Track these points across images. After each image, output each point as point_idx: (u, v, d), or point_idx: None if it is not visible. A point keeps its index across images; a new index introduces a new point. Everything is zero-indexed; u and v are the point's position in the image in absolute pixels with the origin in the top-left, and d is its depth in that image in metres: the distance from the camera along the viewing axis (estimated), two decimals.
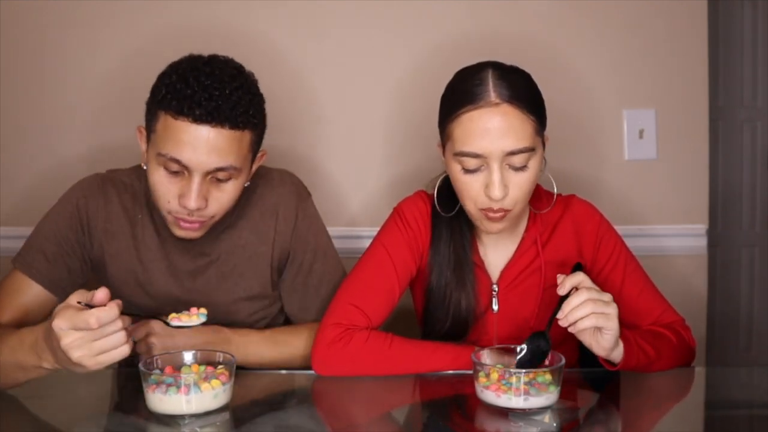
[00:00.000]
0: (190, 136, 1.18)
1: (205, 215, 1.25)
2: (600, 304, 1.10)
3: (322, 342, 1.27)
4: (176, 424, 1.04)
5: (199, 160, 1.19)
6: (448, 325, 1.33)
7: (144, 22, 1.89)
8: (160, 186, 1.24)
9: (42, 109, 1.93)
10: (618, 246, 1.36)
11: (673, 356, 1.28)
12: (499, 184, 1.19)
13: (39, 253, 1.32)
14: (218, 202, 1.25)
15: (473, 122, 1.19)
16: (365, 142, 1.95)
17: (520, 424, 1.04)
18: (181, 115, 1.18)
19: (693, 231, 1.97)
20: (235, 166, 1.23)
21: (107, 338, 1.02)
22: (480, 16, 1.91)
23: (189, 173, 1.21)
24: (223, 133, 1.19)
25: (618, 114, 1.95)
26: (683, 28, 1.92)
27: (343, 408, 1.20)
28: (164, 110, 1.20)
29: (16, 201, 1.94)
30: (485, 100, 1.19)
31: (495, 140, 1.18)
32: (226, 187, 1.25)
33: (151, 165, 1.25)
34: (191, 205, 1.21)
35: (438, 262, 1.34)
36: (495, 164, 1.19)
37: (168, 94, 1.20)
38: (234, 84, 1.21)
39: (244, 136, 1.23)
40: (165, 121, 1.20)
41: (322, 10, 1.90)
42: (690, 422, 1.14)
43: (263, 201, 1.40)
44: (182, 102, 1.18)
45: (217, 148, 1.19)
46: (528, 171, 1.22)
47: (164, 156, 1.20)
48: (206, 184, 1.23)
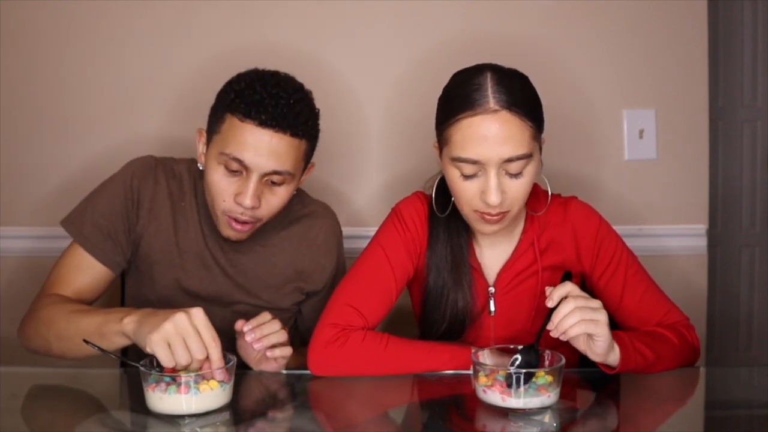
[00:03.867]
0: (254, 138, 1.27)
1: (255, 216, 1.32)
2: (588, 311, 1.11)
3: (318, 342, 1.27)
4: (176, 424, 1.04)
5: (260, 161, 1.27)
6: (445, 325, 1.33)
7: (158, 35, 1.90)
8: (218, 184, 1.31)
9: (42, 113, 1.93)
10: (618, 249, 1.35)
11: (673, 357, 1.28)
12: (496, 190, 1.20)
13: (97, 230, 1.36)
14: (269, 205, 1.32)
15: (471, 129, 1.19)
16: (363, 142, 1.94)
17: (520, 424, 1.04)
18: (248, 118, 1.27)
19: (693, 231, 1.96)
20: (291, 171, 1.31)
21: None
22: (479, 16, 1.91)
23: (247, 174, 1.28)
24: (284, 139, 1.28)
25: (618, 114, 1.95)
26: (683, 28, 1.92)
27: (343, 408, 1.20)
28: (231, 113, 1.29)
29: (17, 201, 1.94)
30: (483, 107, 1.18)
31: (493, 147, 1.18)
32: (279, 191, 1.33)
33: (210, 164, 1.32)
34: (247, 202, 1.28)
35: (435, 263, 1.34)
36: (492, 170, 1.19)
37: (237, 98, 1.29)
38: (297, 96, 1.31)
39: (301, 144, 1.31)
40: (231, 123, 1.29)
41: (318, 11, 1.90)
42: (690, 422, 1.14)
43: (305, 229, 1.47)
44: (250, 106, 1.27)
45: (277, 152, 1.28)
46: (525, 177, 1.22)
47: (227, 155, 1.28)
48: (261, 185, 1.30)
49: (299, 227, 1.47)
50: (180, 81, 1.90)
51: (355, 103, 1.93)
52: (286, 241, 1.45)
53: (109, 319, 1.17)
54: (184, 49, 1.90)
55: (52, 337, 1.24)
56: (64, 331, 1.23)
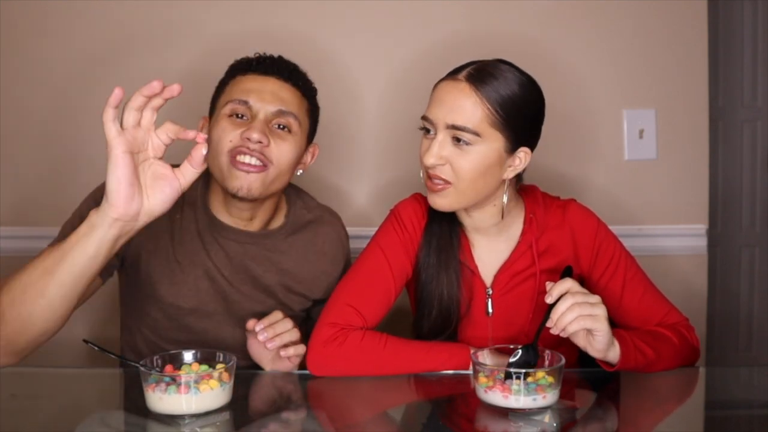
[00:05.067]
0: (258, 83, 1.32)
1: (266, 155, 1.29)
2: (586, 307, 1.12)
3: (317, 341, 1.27)
4: (176, 424, 1.04)
5: (264, 102, 1.31)
6: (434, 316, 1.33)
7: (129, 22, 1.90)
8: (224, 132, 1.30)
9: (40, 113, 1.93)
10: (617, 252, 1.35)
11: (673, 356, 1.28)
12: (433, 152, 1.23)
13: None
14: (279, 150, 1.31)
15: (437, 91, 1.27)
16: (364, 141, 1.94)
17: (520, 424, 1.04)
18: (250, 71, 1.34)
19: (693, 231, 1.97)
20: (296, 115, 1.33)
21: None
22: (478, 16, 1.91)
23: (253, 116, 1.30)
24: (286, 87, 1.34)
25: (618, 114, 1.95)
26: (683, 28, 1.92)
27: (342, 408, 1.20)
28: (232, 75, 1.36)
29: (16, 201, 1.94)
30: (453, 76, 1.26)
31: (444, 110, 1.23)
32: (287, 139, 1.33)
33: (216, 122, 1.32)
34: (254, 135, 1.27)
35: (425, 251, 1.34)
36: (440, 134, 1.24)
37: (235, 65, 1.37)
38: (296, 65, 1.39)
39: (303, 100, 1.36)
40: (233, 81, 1.35)
41: (316, 11, 1.90)
42: (690, 422, 1.14)
43: (311, 236, 1.46)
44: (251, 61, 1.36)
45: (281, 96, 1.33)
46: (471, 154, 1.23)
47: (231, 102, 1.31)
48: (268, 128, 1.31)
49: (305, 234, 1.45)
50: (180, 77, 1.89)
51: (356, 103, 1.93)
52: (292, 248, 1.43)
53: (77, 233, 1.02)
54: (183, 48, 1.90)
55: (4, 301, 1.03)
56: (19, 281, 1.03)
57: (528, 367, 1.12)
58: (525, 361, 1.14)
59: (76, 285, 1.04)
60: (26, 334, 1.05)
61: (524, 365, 1.13)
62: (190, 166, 1.04)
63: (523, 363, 1.14)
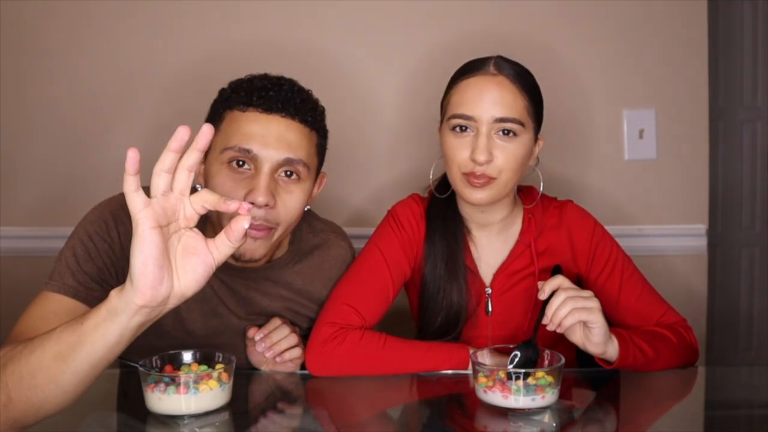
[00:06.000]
0: (260, 125, 1.14)
1: (272, 219, 1.17)
2: (580, 300, 1.13)
3: (316, 341, 1.27)
4: (175, 424, 1.04)
5: (269, 150, 1.14)
6: (440, 321, 1.34)
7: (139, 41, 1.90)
8: (223, 187, 1.14)
9: (39, 112, 1.93)
10: (613, 253, 1.36)
11: (673, 356, 1.28)
12: (484, 148, 1.23)
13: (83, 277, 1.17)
14: (285, 207, 1.18)
15: (469, 87, 1.26)
16: (365, 142, 1.95)
17: (520, 424, 1.04)
18: (251, 107, 1.15)
19: (693, 231, 1.97)
20: (305, 161, 1.17)
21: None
22: (480, 16, 1.91)
23: (257, 168, 1.15)
24: (293, 125, 1.16)
25: (618, 114, 1.95)
26: (683, 28, 1.92)
27: (342, 408, 1.20)
28: (231, 107, 1.17)
29: (35, 201, 1.94)
30: (483, 71, 1.26)
31: (487, 105, 1.23)
32: (295, 190, 1.18)
33: (212, 169, 1.17)
34: (260, 199, 1.13)
35: (431, 259, 1.35)
36: (484, 128, 1.23)
37: (234, 92, 1.17)
38: (299, 86, 1.22)
39: (312, 136, 1.20)
40: (231, 117, 1.16)
41: (326, 9, 1.90)
42: (689, 422, 1.13)
43: (318, 261, 1.37)
44: (252, 93, 1.15)
45: (287, 139, 1.15)
46: (515, 143, 1.24)
47: (231, 149, 1.14)
48: (274, 182, 1.16)
49: (311, 260, 1.37)
50: (179, 76, 1.90)
51: (357, 104, 1.93)
52: (299, 276, 1.35)
53: (95, 313, 0.88)
54: (182, 47, 1.90)
55: (11, 381, 0.90)
56: (27, 363, 0.90)
57: (529, 363, 1.13)
58: (525, 357, 1.14)
59: (92, 372, 0.90)
60: (38, 416, 0.94)
61: (525, 361, 1.13)
62: (228, 240, 0.87)
63: (523, 359, 1.14)
